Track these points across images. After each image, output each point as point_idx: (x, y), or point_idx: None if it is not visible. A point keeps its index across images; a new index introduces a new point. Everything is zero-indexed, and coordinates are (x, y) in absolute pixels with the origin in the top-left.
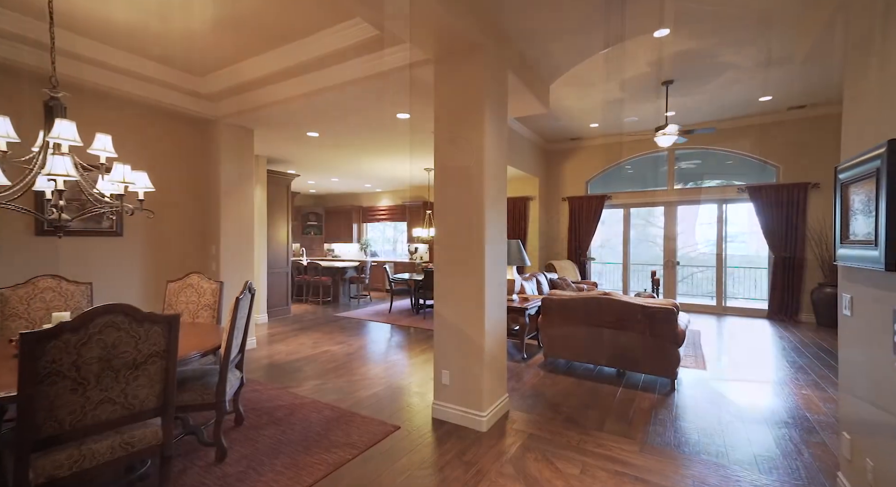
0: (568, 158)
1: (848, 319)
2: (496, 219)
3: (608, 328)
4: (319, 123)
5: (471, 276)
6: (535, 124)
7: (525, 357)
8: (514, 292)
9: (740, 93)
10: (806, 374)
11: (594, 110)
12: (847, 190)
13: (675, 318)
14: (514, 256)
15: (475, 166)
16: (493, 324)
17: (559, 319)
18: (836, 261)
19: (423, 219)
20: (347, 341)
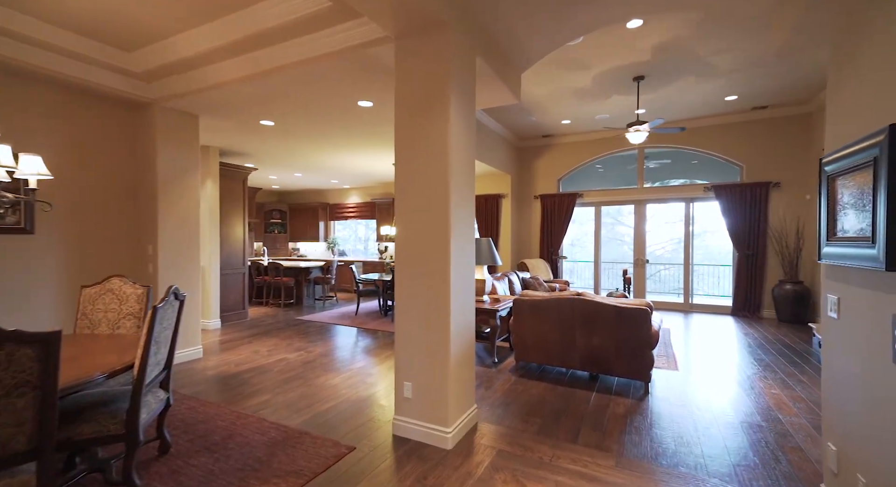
0: (540, 156)
1: (834, 322)
2: (464, 217)
3: (581, 330)
4: (273, 111)
5: (435, 280)
6: (508, 120)
7: (496, 361)
8: (485, 293)
9: (707, 92)
10: (773, 372)
11: (566, 106)
12: (834, 183)
13: (648, 319)
14: (484, 255)
15: (440, 159)
16: (461, 330)
17: (531, 321)
18: (820, 260)
19: (393, 216)
20: (307, 347)
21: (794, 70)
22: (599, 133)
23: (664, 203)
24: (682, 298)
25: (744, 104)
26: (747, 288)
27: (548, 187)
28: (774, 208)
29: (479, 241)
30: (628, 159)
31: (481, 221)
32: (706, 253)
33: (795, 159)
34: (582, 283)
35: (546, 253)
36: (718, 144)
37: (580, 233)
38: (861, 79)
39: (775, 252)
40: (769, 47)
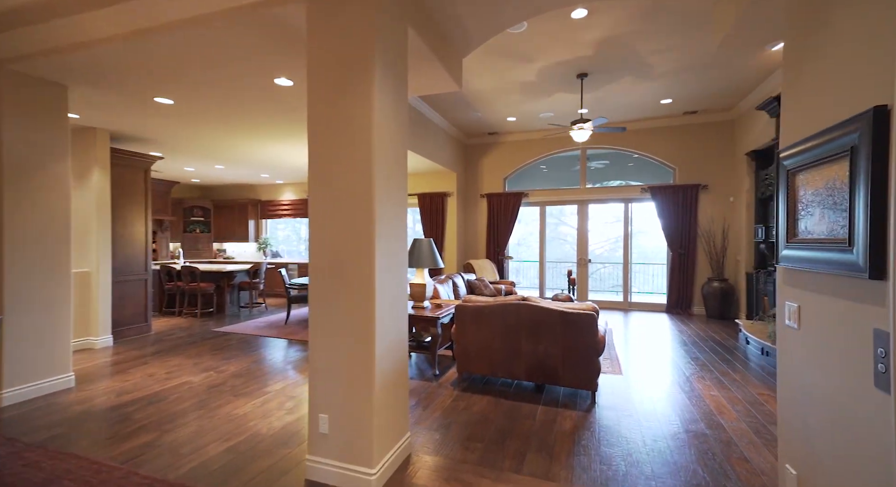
0: (486, 153)
1: (793, 333)
2: (393, 216)
3: (526, 337)
4: (171, 86)
5: (357, 290)
6: (453, 115)
7: (437, 373)
8: (427, 298)
9: (645, 93)
10: (709, 371)
11: (511, 102)
12: (794, 179)
13: (595, 324)
14: (425, 258)
15: (362, 146)
16: (390, 349)
17: (474, 329)
18: (778, 263)
19: None
20: (219, 366)
21: (722, 77)
22: (544, 132)
23: (605, 203)
24: (621, 297)
25: (677, 108)
26: (680, 286)
27: (494, 186)
28: (703, 209)
29: (420, 243)
30: (572, 160)
31: (426, 221)
32: (641, 252)
33: (721, 163)
34: (528, 283)
35: (492, 253)
36: (654, 147)
37: (526, 233)
38: (829, 59)
39: (704, 251)
40: (705, 49)
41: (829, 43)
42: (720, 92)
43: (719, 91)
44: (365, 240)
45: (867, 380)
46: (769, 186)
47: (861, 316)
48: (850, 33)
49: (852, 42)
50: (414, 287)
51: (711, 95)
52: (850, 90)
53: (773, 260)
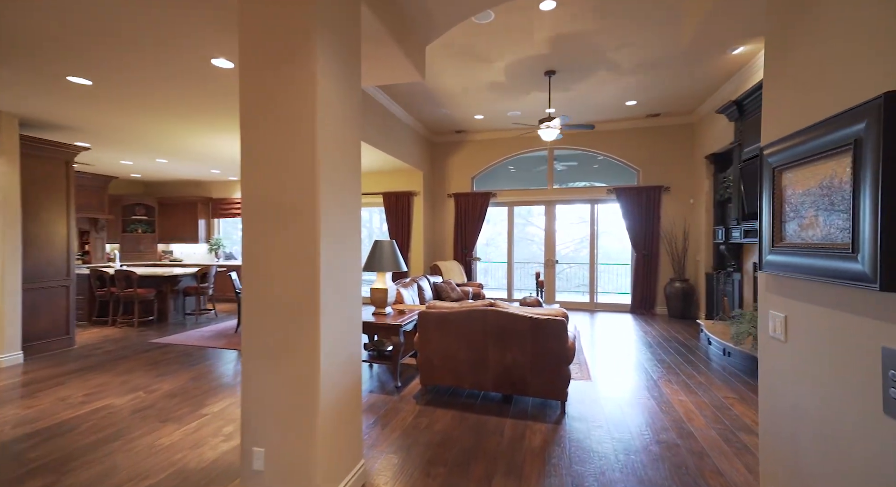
0: (454, 152)
1: (779, 345)
2: (343, 215)
3: (494, 346)
4: (87, 63)
5: (297, 301)
6: (419, 111)
7: (399, 385)
8: (389, 304)
9: (611, 94)
10: (675, 374)
11: (479, 100)
12: (780, 177)
13: (564, 331)
14: (387, 261)
15: (303, 135)
16: (339, 368)
17: (438, 337)
18: (762, 269)
19: None
20: (151, 385)
21: (684, 81)
22: (512, 131)
23: (571, 204)
24: (587, 297)
25: (641, 110)
26: (643, 286)
27: (462, 186)
28: (666, 211)
29: (381, 245)
30: (539, 160)
31: (392, 221)
32: (606, 253)
33: (681, 166)
34: (496, 283)
35: (460, 254)
36: (619, 148)
37: (494, 234)
38: (822, 44)
39: (667, 252)
40: (670, 49)
41: (822, 26)
42: (681, 95)
43: (681, 94)
44: (307, 242)
45: (873, 405)
46: (727, 189)
47: (866, 332)
48: (849, 13)
49: (851, 23)
50: (375, 292)
51: (673, 99)
52: (849, 77)
53: (730, 261)
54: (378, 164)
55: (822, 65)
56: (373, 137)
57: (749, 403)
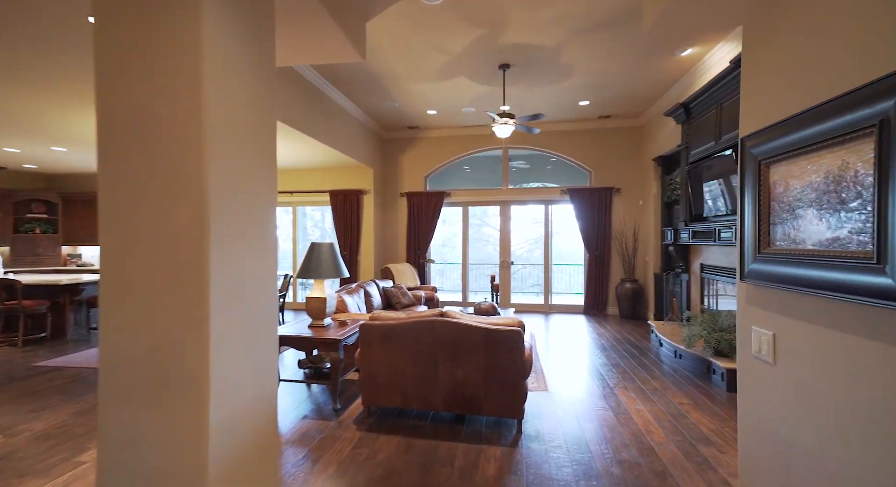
0: (407, 149)
1: (766, 368)
2: (248, 214)
3: (444, 360)
4: None
5: (177, 329)
6: (368, 103)
7: (339, 407)
8: (328, 314)
9: (565, 93)
10: (630, 380)
11: (432, 92)
12: (768, 171)
13: (521, 342)
14: (325, 266)
15: (187, 108)
16: (245, 407)
17: (382, 353)
18: (743, 279)
19: None
20: (18, 424)
21: (634, 83)
22: (467, 129)
23: (526, 205)
24: (542, 299)
25: (593, 111)
26: (596, 287)
27: (415, 184)
28: (617, 212)
29: (318, 248)
30: (494, 160)
31: (339, 221)
32: (559, 253)
33: (631, 167)
34: (452, 285)
35: (413, 256)
36: (572, 149)
37: (450, 234)
38: (826, 16)
39: (618, 253)
40: (623, 47)
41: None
42: (631, 97)
43: (631, 96)
44: (191, 248)
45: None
46: (675, 191)
47: (889, 361)
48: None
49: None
50: (311, 301)
51: (624, 100)
52: (866, 50)
53: (678, 262)
54: (324, 160)
55: (822, 40)
56: (317, 130)
57: (703, 409)
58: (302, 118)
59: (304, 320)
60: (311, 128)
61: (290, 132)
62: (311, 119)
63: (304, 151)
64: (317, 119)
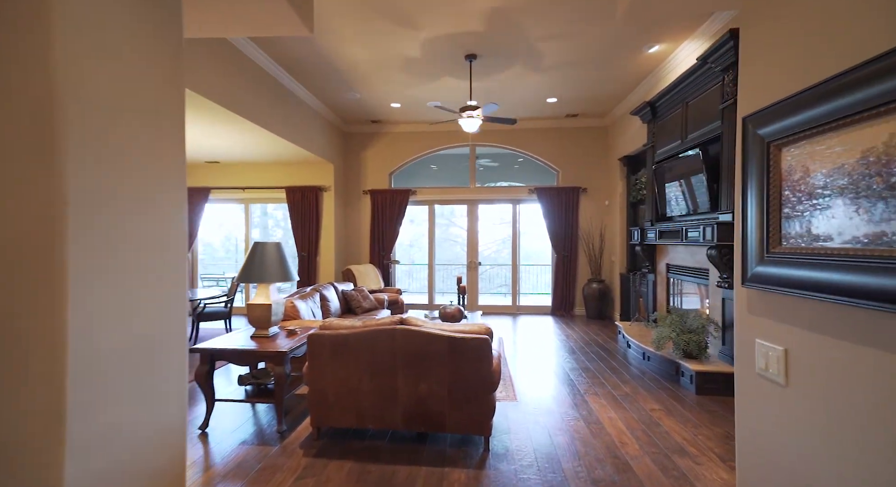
0: (370, 145)
1: (775, 391)
2: (135, 217)
3: (404, 373)
4: None
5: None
6: (327, 94)
7: (285, 429)
8: (275, 323)
9: (533, 88)
10: (601, 385)
11: (394, 83)
12: (779, 155)
13: (489, 351)
14: (270, 269)
15: (34, 74)
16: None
17: (335, 366)
18: (746, 284)
19: None
20: None
21: (601, 80)
22: (434, 125)
23: (493, 204)
24: (510, 300)
25: (561, 109)
26: (563, 288)
27: (379, 182)
28: (584, 212)
29: (261, 249)
30: (461, 158)
31: (297, 220)
32: (527, 254)
33: (597, 167)
34: (419, 287)
35: (377, 257)
36: (540, 148)
37: (418, 234)
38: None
39: (584, 253)
40: (592, 40)
41: None
42: (599, 94)
43: (598, 93)
44: (39, 254)
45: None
46: (640, 190)
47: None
48: None
49: None
50: (253, 309)
51: (591, 98)
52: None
53: (644, 262)
54: (279, 153)
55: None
56: (270, 120)
57: (675, 415)
58: (253, 106)
59: (250, 329)
60: (263, 117)
61: (239, 122)
62: (263, 108)
63: (257, 143)
64: (270, 108)
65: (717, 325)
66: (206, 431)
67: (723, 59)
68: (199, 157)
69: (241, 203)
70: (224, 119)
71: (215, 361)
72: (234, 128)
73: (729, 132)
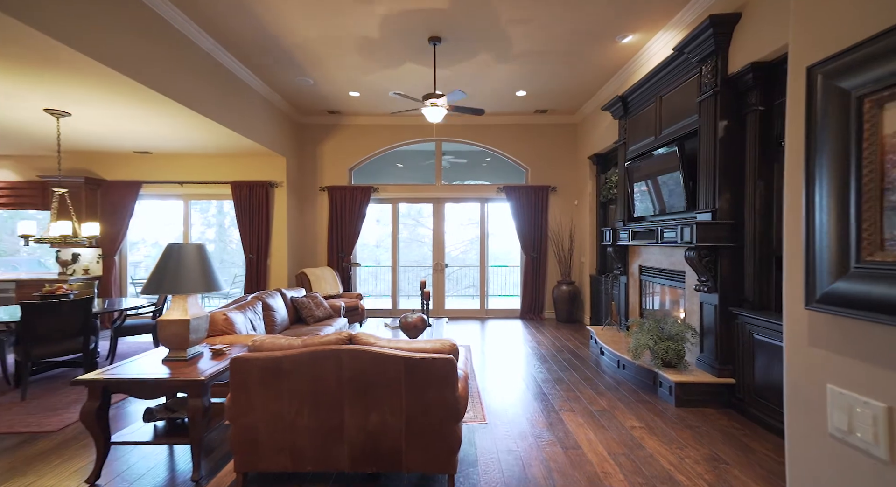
0: (328, 137)
1: (860, 462)
2: None
3: (353, 403)
4: None
5: None
6: (275, 78)
7: (203, 475)
8: (197, 341)
9: (502, 79)
10: (576, 399)
11: (351, 68)
12: (880, 114)
13: (453, 373)
14: (188, 278)
15: None
16: None
17: (265, 396)
18: (811, 305)
19: (82, 204)
20: None
21: (572, 73)
22: (397, 118)
23: (461, 202)
24: (478, 303)
25: (530, 104)
26: (533, 290)
27: (338, 178)
28: (553, 212)
29: (177, 252)
30: (427, 155)
31: (244, 219)
32: (495, 255)
33: (566, 166)
34: (384, 290)
35: (336, 259)
36: (508, 144)
37: (384, 235)
38: None
39: (554, 254)
40: (564, 28)
41: None
42: (568, 88)
43: (568, 87)
44: None
45: None
46: (611, 190)
47: None
48: None
49: None
50: (165, 326)
51: (561, 92)
52: None
53: (616, 264)
54: (222, 144)
55: None
56: (209, 106)
57: (657, 433)
58: (190, 91)
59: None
60: (202, 103)
61: (174, 107)
62: (202, 93)
63: (196, 133)
64: (210, 93)
65: (695, 331)
66: (97, 484)
67: (701, 49)
68: (125, 146)
69: (181, 199)
70: (148, 100)
71: (110, 394)
72: (170, 115)
73: (707, 126)
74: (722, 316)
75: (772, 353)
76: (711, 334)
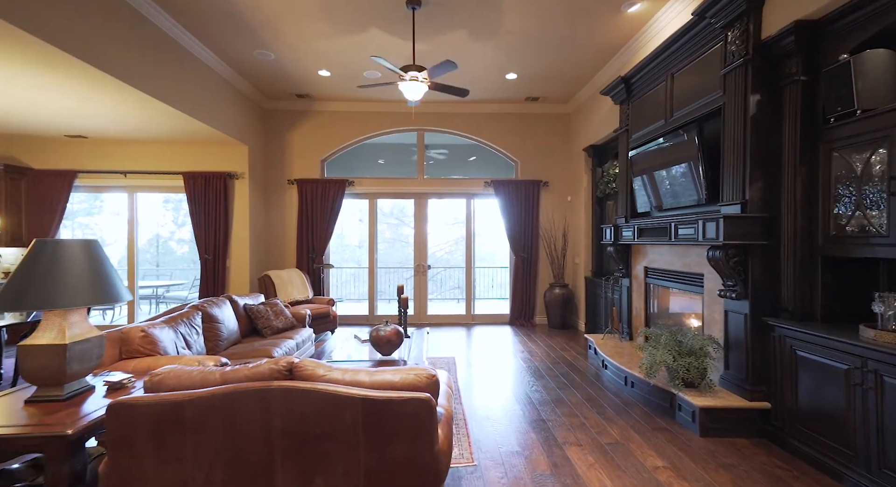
0: (296, 124)
1: None
2: None
3: (287, 464)
4: None
5: None
6: (230, 50)
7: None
8: (83, 374)
9: (489, 59)
10: (581, 428)
11: (317, 40)
12: None
13: (431, 418)
14: (71, 287)
15: None
16: None
17: (160, 458)
18: None
19: (2, 196)
20: None
21: (566, 54)
22: (374, 104)
23: (445, 198)
24: (463, 308)
25: (521, 90)
26: (523, 293)
27: (308, 170)
28: (545, 208)
29: (55, 251)
30: (407, 148)
31: (198, 214)
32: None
33: (559, 159)
34: (361, 293)
35: (307, 260)
36: (497, 135)
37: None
38: None
39: (546, 254)
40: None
41: None
42: (563, 73)
43: (562, 71)
44: None
45: None
46: (609, 184)
47: None
48: None
49: None
50: (30, 356)
51: (555, 77)
52: None
53: (617, 265)
54: (174, 129)
55: None
56: (156, 84)
57: (688, 477)
58: (132, 65)
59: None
60: (147, 80)
61: (115, 84)
62: (146, 68)
63: (135, 111)
64: (156, 69)
65: (718, 345)
66: None
67: (729, 9)
68: (54, 129)
69: (125, 191)
70: (96, 81)
71: None
72: (110, 93)
73: (734, 103)
74: (754, 328)
75: (823, 374)
76: (740, 348)
